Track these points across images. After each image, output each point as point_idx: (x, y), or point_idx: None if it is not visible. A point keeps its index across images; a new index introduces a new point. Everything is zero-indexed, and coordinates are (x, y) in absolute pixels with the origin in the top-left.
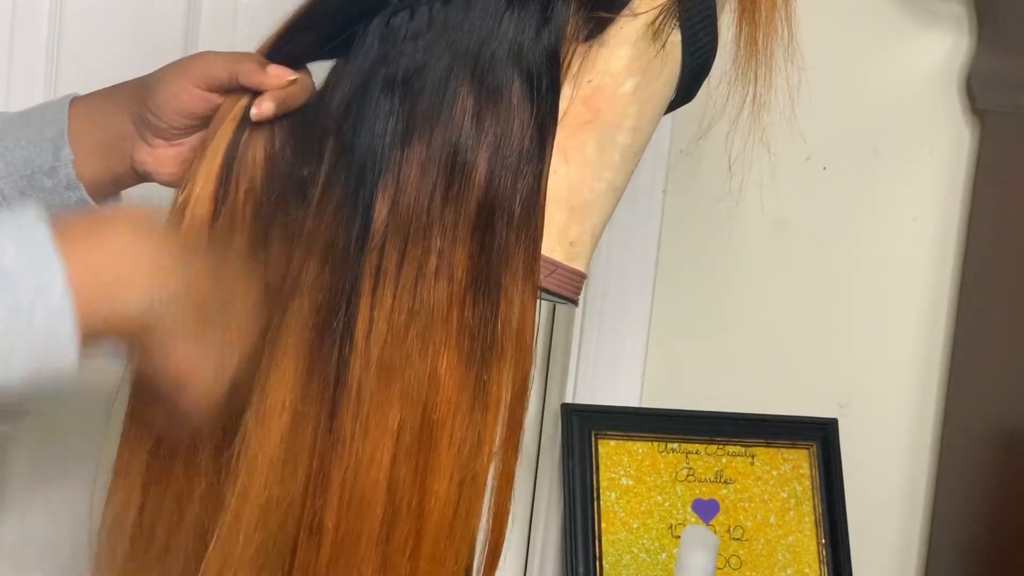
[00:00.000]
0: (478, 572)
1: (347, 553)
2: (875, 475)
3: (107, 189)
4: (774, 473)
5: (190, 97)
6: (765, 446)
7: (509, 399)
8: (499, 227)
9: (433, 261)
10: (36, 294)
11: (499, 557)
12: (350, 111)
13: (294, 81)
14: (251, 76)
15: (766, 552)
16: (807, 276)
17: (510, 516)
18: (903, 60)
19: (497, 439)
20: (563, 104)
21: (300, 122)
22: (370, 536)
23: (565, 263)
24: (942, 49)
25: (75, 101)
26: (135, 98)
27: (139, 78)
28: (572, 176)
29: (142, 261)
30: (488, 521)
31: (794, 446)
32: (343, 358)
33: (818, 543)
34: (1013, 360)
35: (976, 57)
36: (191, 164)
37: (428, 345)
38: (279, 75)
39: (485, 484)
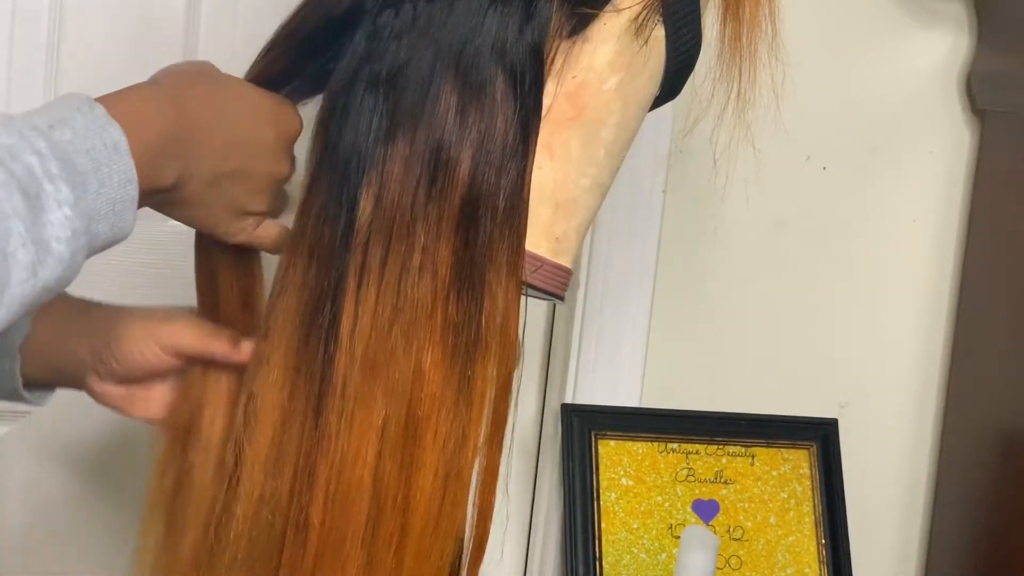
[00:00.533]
0: (463, 567)
1: (333, 549)
2: (875, 475)
3: (40, 376)
4: (774, 473)
5: (156, 360)
6: (765, 446)
7: (493, 395)
8: (483, 223)
9: (417, 257)
10: (112, 160)
11: (484, 552)
12: (335, 108)
13: None
14: (225, 356)
15: (766, 552)
16: (807, 276)
17: (498, 512)
18: (903, 60)
19: (482, 435)
20: (547, 100)
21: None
22: (356, 532)
23: (550, 259)
24: (942, 49)
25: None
26: (98, 334)
27: (104, 309)
28: (557, 172)
29: (172, 133)
30: (473, 516)
31: (794, 446)
32: (328, 355)
33: (818, 543)
34: (1013, 360)
35: (976, 57)
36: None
37: (412, 341)
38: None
39: (470, 479)
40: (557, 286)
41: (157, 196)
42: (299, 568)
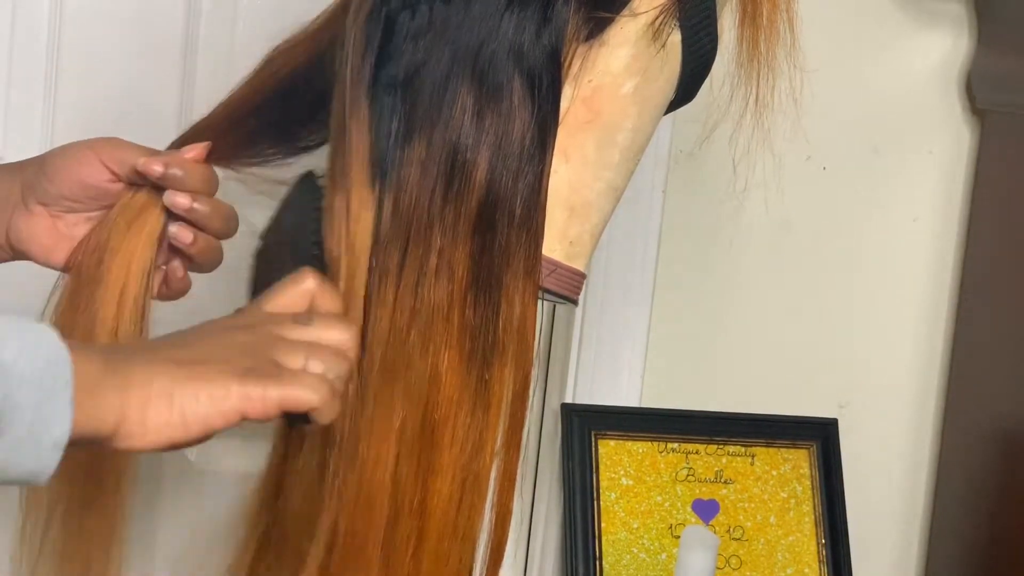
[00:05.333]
0: (481, 571)
1: (355, 553)
2: (875, 475)
3: None
4: (774, 473)
5: (90, 169)
6: (765, 446)
7: (510, 398)
8: (500, 227)
9: (434, 260)
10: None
11: (502, 556)
12: (350, 110)
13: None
14: (179, 164)
15: (766, 552)
16: (807, 276)
17: (512, 515)
18: (903, 60)
19: (499, 438)
20: (563, 104)
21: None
22: (376, 536)
23: (565, 263)
24: (942, 49)
25: None
26: (33, 165)
27: (36, 156)
28: (572, 176)
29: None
30: (491, 520)
31: (794, 446)
32: None
33: (818, 543)
34: (1013, 360)
35: (976, 57)
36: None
37: (429, 344)
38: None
39: (487, 483)
40: (571, 290)
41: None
42: (322, 572)
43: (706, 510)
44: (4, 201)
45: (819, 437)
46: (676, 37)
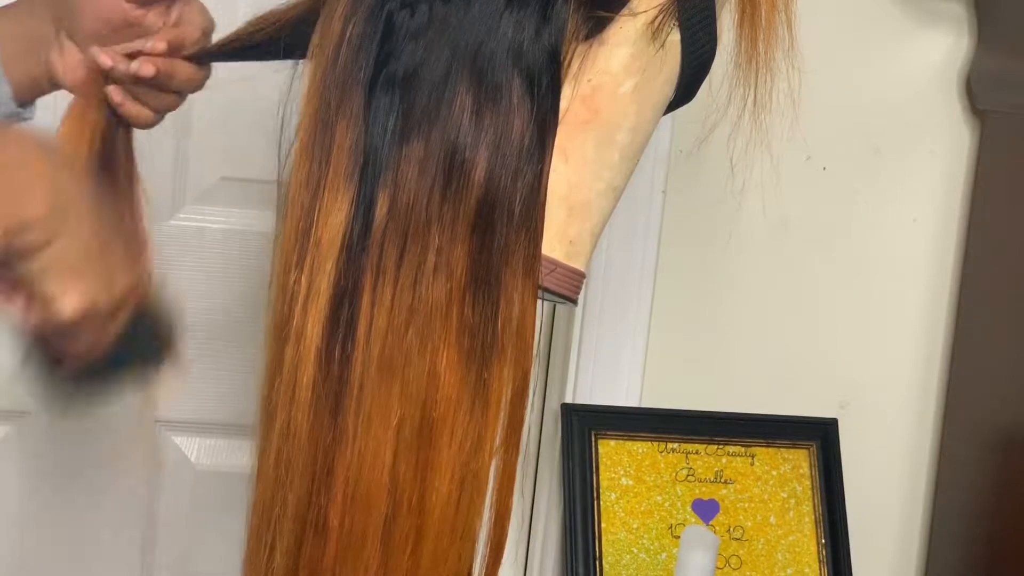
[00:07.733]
0: (481, 570)
1: (353, 551)
2: (875, 475)
3: (25, 94)
4: (774, 473)
5: (108, 2)
6: (765, 446)
7: (510, 397)
8: (499, 226)
9: (432, 259)
10: None
11: (502, 555)
12: (346, 108)
13: None
14: None
15: (766, 552)
16: (807, 276)
17: (511, 514)
18: (903, 60)
19: (498, 437)
20: (563, 103)
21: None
22: (375, 533)
23: (564, 262)
24: (942, 49)
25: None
26: (63, 1)
27: None
28: (571, 175)
29: (38, 172)
30: (490, 520)
31: (794, 446)
32: (346, 355)
33: (818, 543)
34: (1013, 360)
35: (976, 57)
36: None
37: (427, 343)
38: None
39: (486, 482)
40: (571, 289)
41: None
42: (319, 570)
43: (706, 510)
44: (41, 39)
45: (819, 437)
46: (675, 36)
